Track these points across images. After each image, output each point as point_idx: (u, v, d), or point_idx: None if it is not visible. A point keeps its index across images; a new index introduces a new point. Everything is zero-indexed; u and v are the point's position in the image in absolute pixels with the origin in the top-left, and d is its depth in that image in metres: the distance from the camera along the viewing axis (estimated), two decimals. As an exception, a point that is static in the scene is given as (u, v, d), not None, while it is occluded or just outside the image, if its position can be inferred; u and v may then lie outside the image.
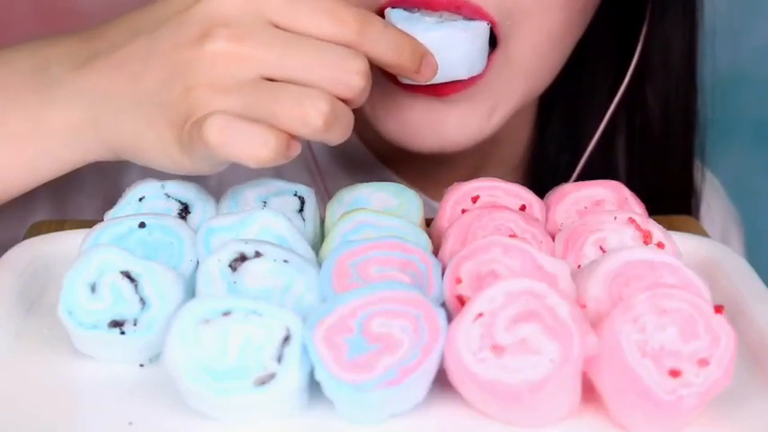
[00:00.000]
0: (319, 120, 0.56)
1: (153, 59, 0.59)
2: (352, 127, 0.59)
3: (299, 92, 0.56)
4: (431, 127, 0.71)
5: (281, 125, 0.56)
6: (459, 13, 0.68)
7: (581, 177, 0.85)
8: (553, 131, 0.89)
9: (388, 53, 0.60)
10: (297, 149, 0.57)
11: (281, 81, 0.57)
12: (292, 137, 0.56)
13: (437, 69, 0.63)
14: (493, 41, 0.69)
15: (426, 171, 0.86)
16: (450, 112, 0.71)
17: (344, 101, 0.58)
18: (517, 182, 0.65)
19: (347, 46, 0.58)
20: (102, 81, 0.61)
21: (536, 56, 0.72)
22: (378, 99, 0.71)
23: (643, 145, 0.87)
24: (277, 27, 0.58)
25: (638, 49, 0.82)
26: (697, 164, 0.91)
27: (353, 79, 0.57)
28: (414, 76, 0.62)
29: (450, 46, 0.66)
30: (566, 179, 0.85)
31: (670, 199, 0.88)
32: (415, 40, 0.62)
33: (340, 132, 0.58)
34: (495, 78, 0.70)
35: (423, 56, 0.62)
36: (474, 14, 0.68)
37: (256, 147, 0.55)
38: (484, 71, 0.69)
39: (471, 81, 0.69)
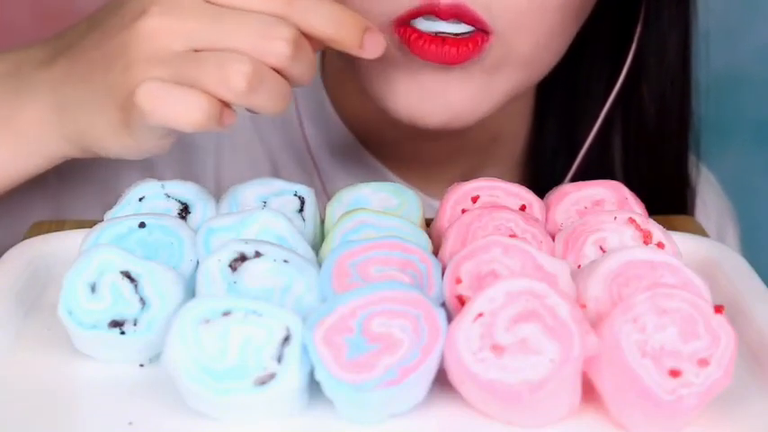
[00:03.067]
0: (242, 82, 0.58)
1: (102, 47, 0.62)
2: (287, 98, 0.61)
3: (222, 56, 0.59)
4: (438, 99, 0.72)
5: (207, 89, 0.58)
6: (459, 17, 0.68)
7: (578, 175, 0.85)
8: (550, 130, 0.89)
9: (323, 27, 0.61)
10: (231, 118, 0.59)
11: (210, 51, 0.59)
12: (227, 106, 0.59)
13: (384, 45, 0.64)
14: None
15: (425, 169, 0.86)
16: (455, 84, 0.71)
17: (283, 75, 0.60)
18: (515, 180, 0.65)
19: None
20: (61, 76, 0.64)
21: (535, 48, 0.72)
22: (385, 78, 0.72)
23: (639, 142, 0.87)
24: (208, 2, 0.60)
25: (632, 47, 0.83)
26: (692, 159, 0.91)
27: (278, 46, 0.59)
28: (358, 52, 0.63)
29: None
30: (563, 177, 0.85)
31: (666, 194, 0.88)
32: (355, 14, 0.62)
33: (268, 98, 0.59)
34: (493, 58, 0.71)
35: (365, 30, 0.62)
36: (471, 22, 0.68)
37: (189, 110, 0.57)
38: (483, 45, 0.69)
39: (474, 42, 0.69)
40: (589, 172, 0.85)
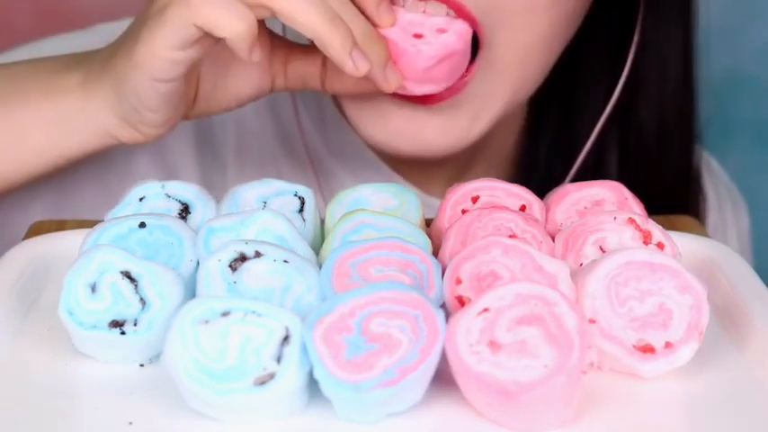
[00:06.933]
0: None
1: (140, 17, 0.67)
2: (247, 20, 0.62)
3: None
4: (412, 133, 0.72)
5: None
6: (444, 2, 0.68)
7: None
8: (545, 139, 0.88)
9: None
10: (257, 53, 0.63)
11: None
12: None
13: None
14: (475, 46, 0.70)
15: (424, 166, 0.86)
16: (433, 119, 0.72)
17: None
18: (505, 177, 0.65)
19: None
20: (110, 58, 0.68)
21: (520, 59, 0.72)
22: (362, 104, 0.72)
23: (637, 153, 0.86)
24: None
25: (630, 54, 0.82)
26: (698, 159, 0.90)
27: None
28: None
29: None
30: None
31: (665, 201, 0.87)
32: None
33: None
34: (478, 85, 0.71)
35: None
36: (456, 10, 0.68)
37: (234, 18, 0.61)
38: (467, 77, 0.69)
39: (456, 89, 0.69)
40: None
